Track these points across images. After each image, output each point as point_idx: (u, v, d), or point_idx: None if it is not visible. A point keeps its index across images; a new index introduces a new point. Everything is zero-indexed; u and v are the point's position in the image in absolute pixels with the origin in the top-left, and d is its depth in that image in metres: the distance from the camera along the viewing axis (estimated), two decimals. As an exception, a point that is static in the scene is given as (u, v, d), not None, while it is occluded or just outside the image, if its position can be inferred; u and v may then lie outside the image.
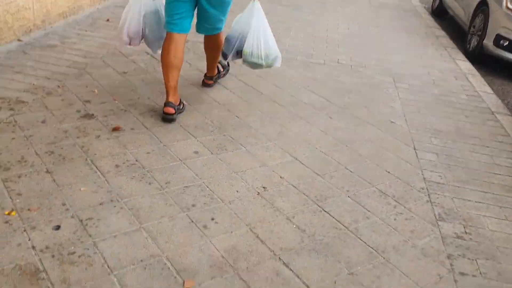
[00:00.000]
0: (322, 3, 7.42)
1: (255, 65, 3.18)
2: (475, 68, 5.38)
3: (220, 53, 3.39)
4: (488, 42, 5.53)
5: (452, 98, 4.26)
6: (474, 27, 6.02)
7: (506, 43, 5.32)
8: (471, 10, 6.16)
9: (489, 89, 4.66)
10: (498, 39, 5.39)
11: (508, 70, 5.69)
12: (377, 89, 4.19)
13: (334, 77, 4.33)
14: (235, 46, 3.21)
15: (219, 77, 3.74)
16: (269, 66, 3.19)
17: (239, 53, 3.23)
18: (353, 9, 7.29)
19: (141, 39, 3.27)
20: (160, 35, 3.22)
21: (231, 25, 3.32)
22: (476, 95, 4.42)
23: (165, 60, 2.98)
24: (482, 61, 5.78)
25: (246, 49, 3.10)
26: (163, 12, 3.11)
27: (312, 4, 7.18)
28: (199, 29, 3.23)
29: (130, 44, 3.22)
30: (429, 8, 8.79)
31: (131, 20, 3.12)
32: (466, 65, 5.29)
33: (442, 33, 6.66)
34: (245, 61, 3.20)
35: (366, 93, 4.06)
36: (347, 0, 7.85)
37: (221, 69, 3.76)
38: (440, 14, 8.16)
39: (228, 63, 3.76)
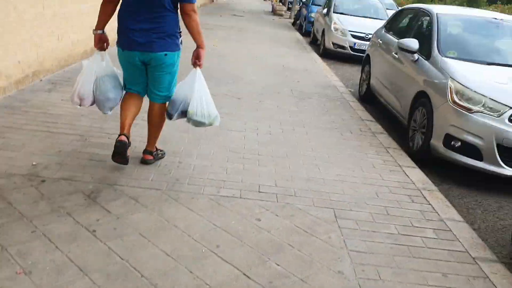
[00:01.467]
0: (237, 98, 6.36)
1: (198, 123, 3.49)
2: (425, 171, 4.41)
3: (162, 126, 3.70)
4: (437, 143, 4.59)
5: (416, 239, 3.12)
6: (415, 121, 5.14)
7: (459, 144, 4.40)
8: (408, 101, 5.30)
9: (455, 214, 3.60)
10: (448, 139, 4.47)
11: (461, 172, 4.76)
12: (315, 238, 2.97)
13: (253, 221, 3.08)
14: (180, 107, 3.48)
15: (157, 157, 3.83)
16: (210, 124, 3.52)
17: (183, 113, 3.50)
18: (275, 104, 6.27)
19: (93, 101, 3.51)
20: (110, 97, 3.49)
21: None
22: (443, 228, 3.33)
23: (123, 106, 3.48)
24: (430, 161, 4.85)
25: (191, 109, 3.41)
26: (114, 76, 3.52)
27: (225, 102, 6.09)
28: (149, 96, 3.56)
29: (80, 105, 3.50)
30: (356, 93, 8.07)
31: (83, 83, 3.43)
32: (417, 175, 4.27)
33: (379, 127, 5.74)
34: (189, 120, 3.48)
35: (301, 248, 2.83)
36: (267, 92, 6.88)
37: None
38: (369, 100, 7.41)
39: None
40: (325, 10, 12.91)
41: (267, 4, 42.59)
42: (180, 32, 3.42)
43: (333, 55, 11.98)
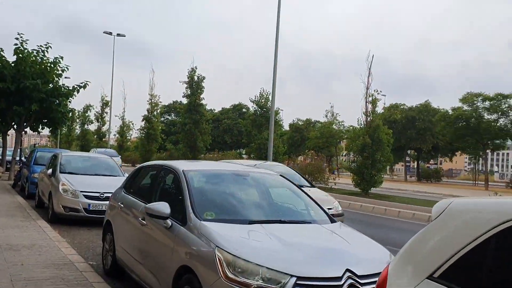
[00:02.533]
0: None
1: None
2: None
3: None
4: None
5: None
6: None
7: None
8: (169, 279, 4.34)
9: None
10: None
11: None
12: None
13: None
14: None
15: None
16: None
17: None
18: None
19: None
20: None
21: None
22: None
23: None
24: None
25: None
26: None
27: None
28: None
29: None
30: (101, 266, 6.74)
31: None
32: None
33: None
34: None
35: None
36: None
37: None
38: (118, 274, 6.18)
39: None
40: (50, 170, 11.44)
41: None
42: None
43: (66, 219, 10.41)
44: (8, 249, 7.11)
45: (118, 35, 47.64)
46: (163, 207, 4.63)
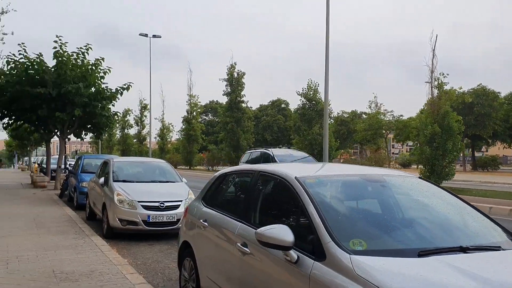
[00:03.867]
0: None
1: None
2: None
3: None
4: None
5: None
6: None
7: None
8: None
9: None
10: None
11: None
12: None
13: None
14: None
15: None
16: None
17: None
18: None
19: None
20: None
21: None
22: None
23: None
24: None
25: None
26: None
27: None
28: None
29: None
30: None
31: None
32: None
33: None
34: None
35: None
36: None
37: None
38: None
39: None
40: (102, 179, 10.27)
41: (26, 175, 37.60)
42: None
43: (123, 234, 9.22)
44: (64, 279, 5.87)
45: (154, 36, 46.90)
46: (283, 232, 3.19)
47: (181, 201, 9.41)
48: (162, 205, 9.08)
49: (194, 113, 44.55)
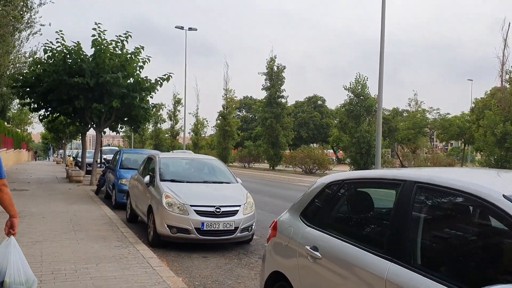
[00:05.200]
0: None
1: None
2: None
3: None
4: None
5: None
6: None
7: None
8: None
9: None
10: None
11: None
12: None
13: None
14: None
15: None
16: None
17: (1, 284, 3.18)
18: None
19: None
20: None
21: None
22: None
23: None
24: None
25: (7, 278, 3.37)
26: None
27: None
28: None
29: None
30: None
31: None
32: None
33: None
34: None
35: None
36: None
37: None
38: None
39: None
40: (147, 178, 8.96)
41: (61, 168, 37.18)
42: None
43: (172, 243, 7.93)
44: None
45: (190, 29, 45.96)
46: None
47: (239, 206, 8.07)
48: (218, 210, 7.75)
49: (230, 109, 43.26)
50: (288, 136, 36.16)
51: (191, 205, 7.76)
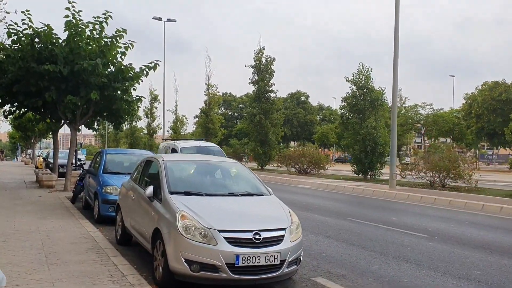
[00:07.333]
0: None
1: None
2: None
3: None
4: None
5: None
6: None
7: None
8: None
9: None
10: None
11: None
12: None
13: None
14: None
15: None
16: None
17: None
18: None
19: None
20: None
21: None
22: None
23: None
24: None
25: None
26: None
27: None
28: None
29: None
30: None
31: None
32: None
33: None
34: None
35: None
36: None
37: None
38: None
39: None
40: (150, 189, 6.46)
41: (30, 169, 33.99)
42: None
43: (190, 284, 5.53)
44: None
45: (169, 20, 43.35)
46: None
47: (284, 229, 5.71)
48: (257, 237, 5.38)
49: (212, 104, 40.70)
50: (277, 133, 33.95)
51: (220, 230, 5.37)
